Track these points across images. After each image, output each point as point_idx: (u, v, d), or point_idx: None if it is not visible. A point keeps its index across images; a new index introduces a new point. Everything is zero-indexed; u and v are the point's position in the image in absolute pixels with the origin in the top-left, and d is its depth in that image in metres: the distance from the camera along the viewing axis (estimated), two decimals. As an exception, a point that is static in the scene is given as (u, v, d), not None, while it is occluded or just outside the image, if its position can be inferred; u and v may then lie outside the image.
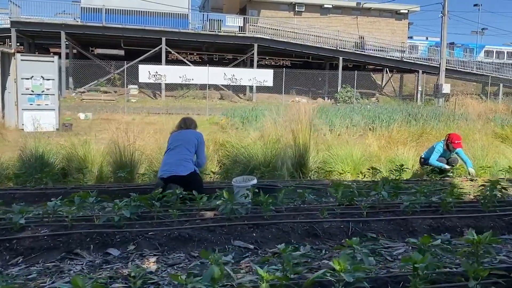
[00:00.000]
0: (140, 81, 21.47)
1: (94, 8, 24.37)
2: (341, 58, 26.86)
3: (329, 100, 27.23)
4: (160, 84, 24.10)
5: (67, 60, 25.73)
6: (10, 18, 23.67)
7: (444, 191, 4.56)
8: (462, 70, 28.73)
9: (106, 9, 24.17)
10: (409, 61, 28.30)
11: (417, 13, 42.01)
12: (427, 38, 41.64)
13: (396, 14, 31.18)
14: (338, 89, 26.68)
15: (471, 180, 5.37)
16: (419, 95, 27.16)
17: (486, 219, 3.55)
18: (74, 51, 27.77)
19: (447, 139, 6.13)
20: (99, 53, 32.73)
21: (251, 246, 2.98)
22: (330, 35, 27.23)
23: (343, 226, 3.28)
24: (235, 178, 4.56)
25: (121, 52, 31.13)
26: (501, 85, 28.64)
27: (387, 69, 31.16)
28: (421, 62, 28.52)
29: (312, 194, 4.52)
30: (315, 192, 4.54)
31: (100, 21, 24.19)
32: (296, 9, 29.37)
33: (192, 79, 21.36)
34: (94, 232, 2.96)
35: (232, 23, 27.87)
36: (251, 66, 26.00)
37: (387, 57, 27.72)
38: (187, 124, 4.86)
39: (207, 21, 26.90)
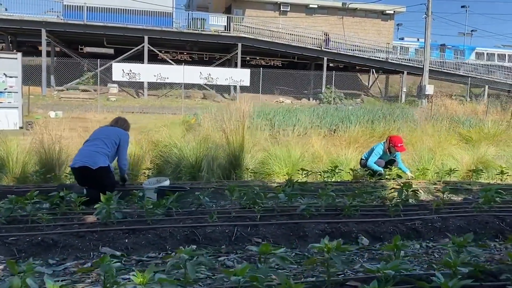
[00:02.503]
0: (113, 79, 21.27)
1: (76, 6, 24.12)
2: (325, 58, 26.71)
3: (314, 100, 27.07)
4: (142, 83, 23.89)
5: (49, 58, 25.46)
6: (-11, 15, 23.44)
7: (370, 193, 4.40)
8: (447, 71, 28.62)
9: (88, 6, 23.94)
10: (394, 61, 28.15)
11: (406, 14, 41.99)
12: (418, 39, 41.45)
13: (382, 15, 31.04)
14: (323, 89, 26.54)
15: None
16: (403, 96, 27.03)
17: (387, 224, 3.37)
18: (57, 49, 27.47)
19: (389, 142, 5.88)
20: (88, 52, 32.46)
21: (118, 253, 2.80)
22: (315, 35, 27.06)
23: (228, 231, 3.09)
24: (149, 179, 4.39)
25: (110, 51, 30.84)
26: (486, 86, 28.59)
27: (373, 70, 31.02)
28: (406, 63, 28.36)
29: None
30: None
31: (82, 19, 23.95)
32: (281, 9, 29.19)
33: (167, 78, 21.14)
34: None
35: (216, 22, 27.67)
36: (237, 65, 25.82)
37: (372, 57, 27.56)
38: (118, 123, 4.80)
39: (191, 20, 26.72)
